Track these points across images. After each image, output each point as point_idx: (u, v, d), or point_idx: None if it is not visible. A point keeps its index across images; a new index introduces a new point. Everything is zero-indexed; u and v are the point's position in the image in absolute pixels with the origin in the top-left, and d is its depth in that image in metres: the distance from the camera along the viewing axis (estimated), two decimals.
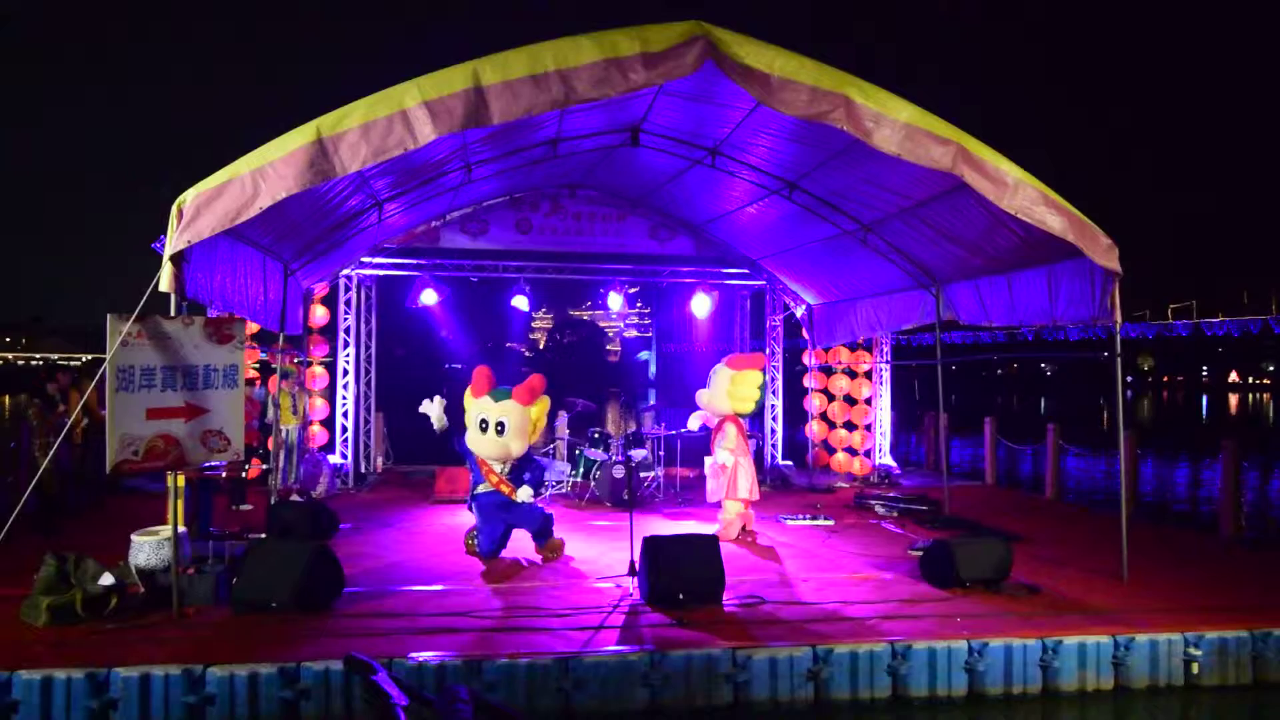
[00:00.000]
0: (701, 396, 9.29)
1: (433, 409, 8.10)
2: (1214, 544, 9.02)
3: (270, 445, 9.91)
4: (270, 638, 5.52)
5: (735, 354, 9.33)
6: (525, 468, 7.91)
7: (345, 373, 12.28)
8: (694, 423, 9.53)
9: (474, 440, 7.78)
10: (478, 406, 7.77)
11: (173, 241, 5.61)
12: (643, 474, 11.48)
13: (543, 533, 7.92)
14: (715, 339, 15.06)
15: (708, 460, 9.23)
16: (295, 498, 9.85)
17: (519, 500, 7.74)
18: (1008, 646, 5.64)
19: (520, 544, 8.03)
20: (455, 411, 8.13)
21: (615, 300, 13.66)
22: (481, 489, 7.81)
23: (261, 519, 8.85)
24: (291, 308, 9.23)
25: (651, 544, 6.55)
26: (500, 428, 7.64)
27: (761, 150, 8.89)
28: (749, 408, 9.05)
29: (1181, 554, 8.27)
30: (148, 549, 6.23)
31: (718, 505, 9.03)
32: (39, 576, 5.93)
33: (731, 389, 8.87)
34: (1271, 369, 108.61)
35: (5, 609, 5.89)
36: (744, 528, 8.94)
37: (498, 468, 7.77)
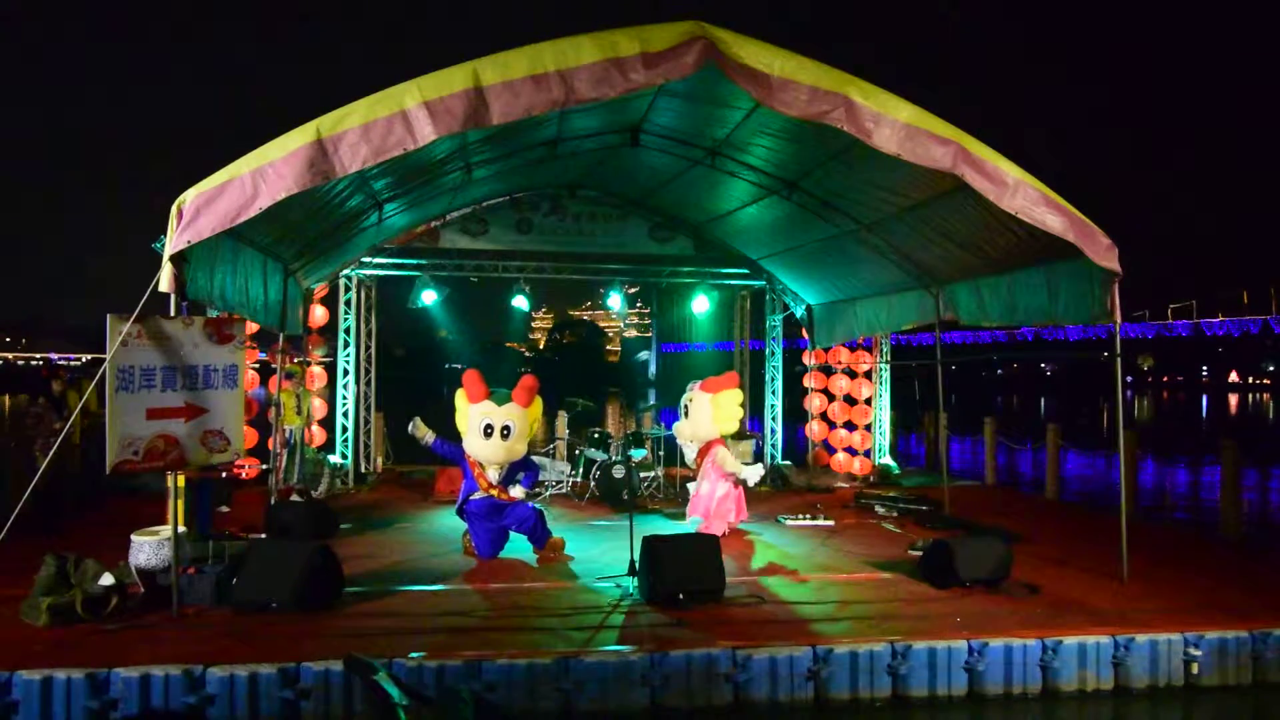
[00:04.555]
0: (683, 430, 9.16)
1: (418, 430, 7.84)
2: (1214, 544, 9.02)
3: (271, 445, 9.90)
4: (270, 638, 5.52)
5: (707, 378, 9.09)
6: (521, 468, 7.91)
7: (345, 373, 12.28)
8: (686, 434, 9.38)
9: (477, 445, 7.70)
10: (480, 411, 7.69)
11: (172, 241, 5.60)
12: (642, 474, 11.48)
13: (538, 531, 7.90)
14: (715, 339, 15.06)
15: (692, 486, 9.20)
16: (295, 498, 9.85)
17: (513, 498, 7.73)
18: (1008, 646, 5.64)
19: (519, 544, 8.04)
20: (444, 416, 8.07)
21: (615, 300, 13.68)
22: (474, 496, 7.79)
23: (251, 519, 8.83)
24: (291, 308, 9.22)
25: (651, 544, 6.56)
26: (506, 431, 7.62)
27: (761, 150, 8.88)
28: (734, 427, 9.03)
29: (1181, 554, 8.27)
30: (148, 549, 6.23)
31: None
32: (39, 576, 5.93)
33: (715, 413, 8.80)
34: (1271, 369, 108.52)
35: (5, 609, 5.89)
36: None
37: (494, 473, 7.75)
